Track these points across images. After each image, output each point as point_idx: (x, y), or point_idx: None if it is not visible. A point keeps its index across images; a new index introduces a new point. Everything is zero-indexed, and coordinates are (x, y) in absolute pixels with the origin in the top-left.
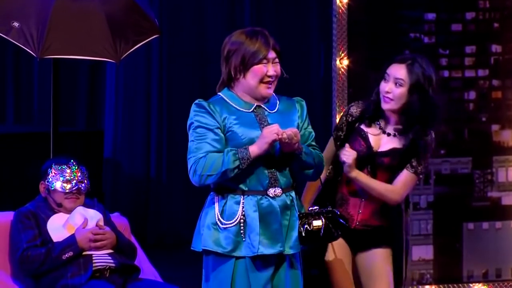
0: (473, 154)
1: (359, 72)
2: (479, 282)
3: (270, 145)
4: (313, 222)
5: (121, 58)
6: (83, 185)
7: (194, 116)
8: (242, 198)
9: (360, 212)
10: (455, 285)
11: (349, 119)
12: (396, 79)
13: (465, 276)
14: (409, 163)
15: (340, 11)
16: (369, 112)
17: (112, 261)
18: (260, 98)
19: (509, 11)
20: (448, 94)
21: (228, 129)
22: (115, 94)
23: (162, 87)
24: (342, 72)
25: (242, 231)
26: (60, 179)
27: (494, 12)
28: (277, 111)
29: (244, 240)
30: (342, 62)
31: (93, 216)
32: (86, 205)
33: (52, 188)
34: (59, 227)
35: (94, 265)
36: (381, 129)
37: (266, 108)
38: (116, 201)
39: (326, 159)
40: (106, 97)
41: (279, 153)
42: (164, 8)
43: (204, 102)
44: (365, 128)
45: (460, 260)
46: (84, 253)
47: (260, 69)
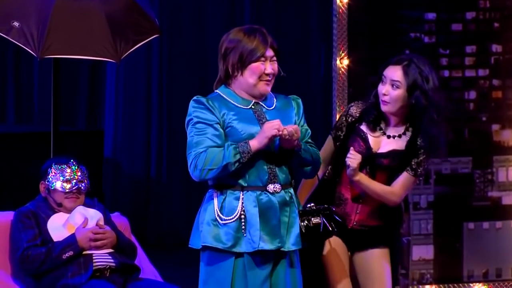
0: (474, 154)
1: (359, 72)
2: (480, 282)
3: (270, 140)
4: (312, 219)
5: (121, 58)
6: (83, 185)
7: (193, 112)
8: (242, 194)
9: (358, 213)
10: (455, 285)
11: (349, 120)
12: (393, 81)
13: (466, 276)
14: (409, 165)
15: (340, 11)
16: (371, 117)
17: (113, 261)
18: (258, 95)
19: (509, 11)
20: (448, 94)
21: (228, 125)
22: (115, 94)
23: (162, 87)
24: (342, 72)
25: (243, 227)
26: (60, 179)
27: (495, 12)
28: (275, 108)
29: (245, 236)
30: (342, 62)
31: (93, 216)
32: (86, 205)
33: (52, 188)
34: (59, 227)
35: (95, 265)
36: (381, 131)
37: (264, 105)
38: (116, 201)
39: (323, 158)
40: (106, 97)
41: (279, 150)
42: (164, 8)
43: (203, 98)
44: (365, 129)
45: (461, 260)
46: (85, 253)
47: (258, 67)
